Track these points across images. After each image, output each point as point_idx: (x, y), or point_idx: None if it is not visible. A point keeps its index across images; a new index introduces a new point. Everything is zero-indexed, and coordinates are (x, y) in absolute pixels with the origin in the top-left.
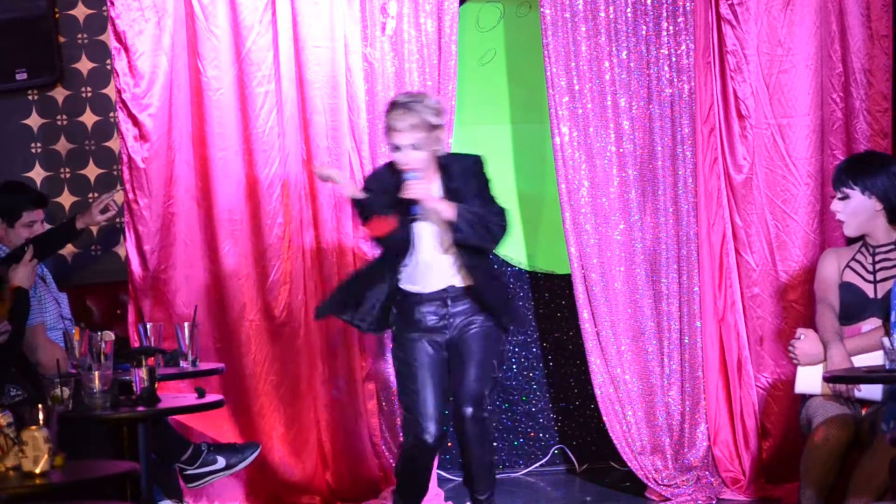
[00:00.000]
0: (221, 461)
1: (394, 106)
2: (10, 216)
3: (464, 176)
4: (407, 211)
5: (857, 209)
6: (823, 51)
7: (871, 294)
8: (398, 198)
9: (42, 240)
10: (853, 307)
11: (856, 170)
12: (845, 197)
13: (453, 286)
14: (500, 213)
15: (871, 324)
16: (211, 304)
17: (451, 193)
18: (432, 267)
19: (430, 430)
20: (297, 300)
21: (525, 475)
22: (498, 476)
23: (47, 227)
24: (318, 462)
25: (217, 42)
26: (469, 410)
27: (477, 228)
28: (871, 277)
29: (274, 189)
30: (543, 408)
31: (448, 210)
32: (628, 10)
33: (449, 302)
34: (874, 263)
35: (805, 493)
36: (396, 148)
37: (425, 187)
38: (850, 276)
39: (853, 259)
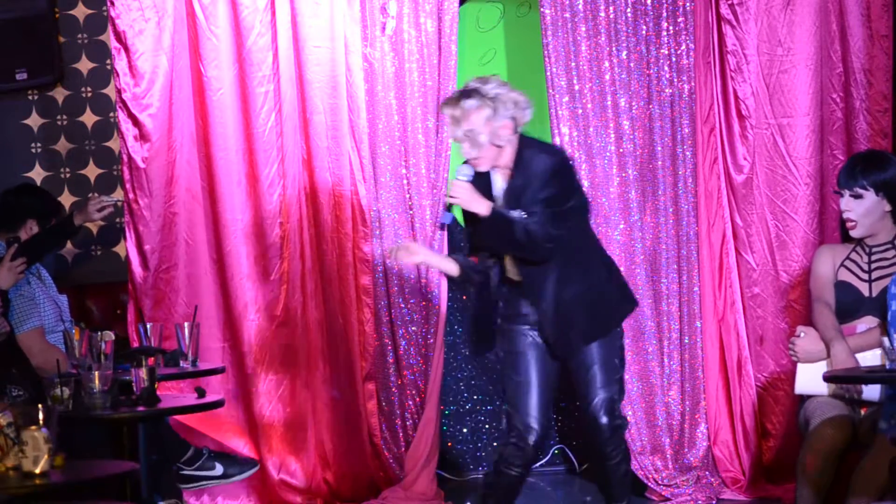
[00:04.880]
0: (219, 468)
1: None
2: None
3: (533, 176)
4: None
5: (869, 209)
6: (823, 51)
7: (866, 293)
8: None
9: (40, 238)
10: (848, 306)
11: (870, 170)
12: (858, 196)
13: None
14: (541, 222)
15: (867, 323)
16: (212, 303)
17: (510, 191)
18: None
19: (534, 427)
20: (297, 300)
21: None
22: None
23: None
24: (318, 462)
25: (217, 42)
26: (605, 420)
27: (504, 234)
28: (866, 276)
29: (274, 189)
30: None
31: (483, 209)
32: (628, 10)
33: None
34: (870, 262)
35: (801, 494)
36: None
37: (464, 189)
38: (845, 275)
39: (848, 258)
